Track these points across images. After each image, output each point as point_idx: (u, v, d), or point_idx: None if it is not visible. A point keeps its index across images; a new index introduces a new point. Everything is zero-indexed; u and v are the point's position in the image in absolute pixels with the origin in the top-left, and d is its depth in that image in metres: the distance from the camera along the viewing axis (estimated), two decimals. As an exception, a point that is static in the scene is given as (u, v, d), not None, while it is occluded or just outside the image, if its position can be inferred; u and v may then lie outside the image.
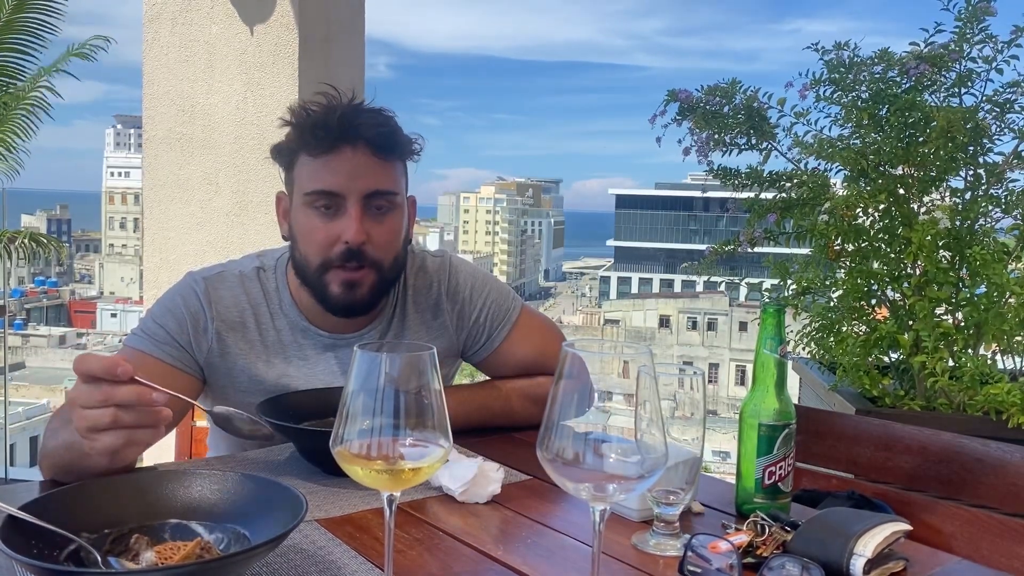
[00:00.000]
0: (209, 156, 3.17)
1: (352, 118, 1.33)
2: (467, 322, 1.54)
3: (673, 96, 2.70)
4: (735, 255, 2.84)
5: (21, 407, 28.24)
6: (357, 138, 1.33)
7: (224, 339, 1.41)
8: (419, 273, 1.54)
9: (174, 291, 1.44)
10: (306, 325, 1.46)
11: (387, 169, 1.37)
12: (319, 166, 1.35)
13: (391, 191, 1.37)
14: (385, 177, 1.36)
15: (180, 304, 1.40)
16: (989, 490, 1.36)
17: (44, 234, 12.49)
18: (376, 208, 1.36)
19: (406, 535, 1.04)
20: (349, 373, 0.80)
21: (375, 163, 1.35)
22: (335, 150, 1.33)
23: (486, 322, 1.55)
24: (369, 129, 1.34)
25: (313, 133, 1.34)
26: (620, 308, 53.48)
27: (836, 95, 2.59)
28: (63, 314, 57.91)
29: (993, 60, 2.46)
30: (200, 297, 1.41)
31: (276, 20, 3.07)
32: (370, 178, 1.34)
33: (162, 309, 1.41)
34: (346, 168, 1.33)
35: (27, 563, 0.79)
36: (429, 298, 1.53)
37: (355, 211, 1.34)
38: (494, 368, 1.58)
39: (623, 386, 0.79)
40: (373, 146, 1.34)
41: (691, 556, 0.94)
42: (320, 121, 1.33)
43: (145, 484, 0.98)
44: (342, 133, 1.33)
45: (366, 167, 1.34)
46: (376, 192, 1.35)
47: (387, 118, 1.37)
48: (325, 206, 1.35)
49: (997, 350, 2.52)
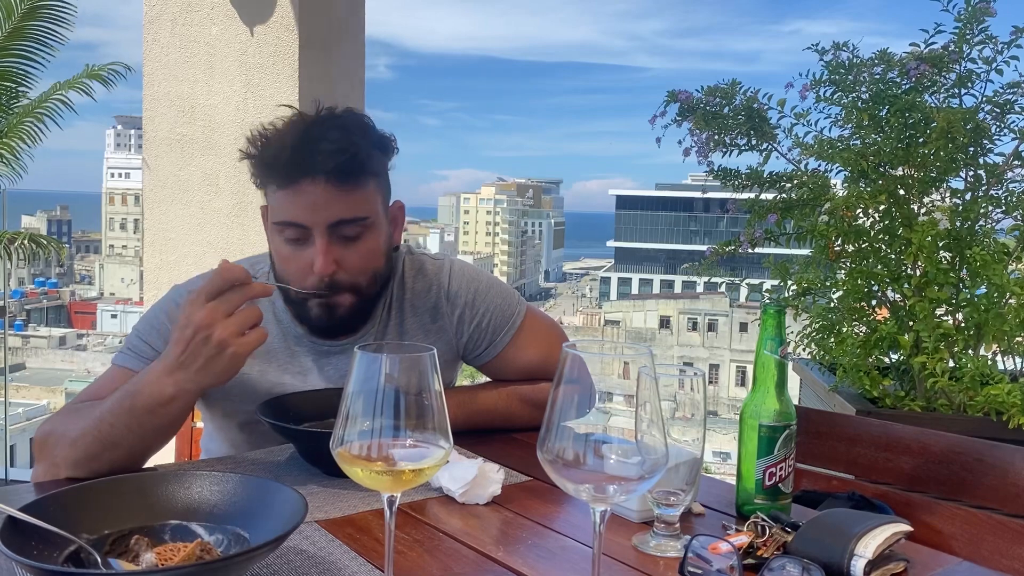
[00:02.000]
0: (209, 157, 3.17)
1: (306, 150, 1.27)
2: (468, 327, 1.50)
3: (673, 97, 2.71)
4: (736, 256, 2.84)
5: (21, 408, 28.23)
6: (315, 171, 1.27)
7: None
8: (417, 276, 1.51)
9: (158, 307, 1.42)
10: (299, 332, 1.44)
11: (352, 195, 1.31)
12: (282, 197, 1.31)
13: (359, 217, 1.32)
14: (350, 204, 1.31)
15: (164, 320, 1.38)
16: (990, 491, 1.35)
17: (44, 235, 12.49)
18: (344, 236, 1.32)
19: (406, 536, 1.04)
20: (349, 374, 0.80)
21: (337, 193, 1.29)
22: (294, 183, 1.29)
23: (488, 327, 1.51)
24: (326, 159, 1.27)
25: (269, 169, 1.30)
26: (620, 309, 53.48)
27: (836, 96, 2.59)
28: (63, 315, 57.93)
29: (993, 61, 2.46)
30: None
31: (276, 21, 3.07)
32: (333, 209, 1.29)
33: (146, 326, 1.40)
34: (307, 201, 1.28)
35: (27, 564, 0.78)
36: (427, 301, 1.50)
37: (321, 243, 1.30)
38: (497, 372, 1.55)
39: (623, 387, 0.79)
40: (333, 177, 1.28)
41: (691, 557, 0.94)
42: (273, 157, 1.29)
43: (145, 485, 0.98)
44: (297, 168, 1.27)
45: (327, 199, 1.28)
46: (341, 221, 1.31)
47: (347, 141, 1.29)
48: (293, 237, 1.32)
49: (997, 351, 2.52)
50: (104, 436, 1.16)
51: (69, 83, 7.67)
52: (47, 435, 1.23)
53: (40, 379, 34.07)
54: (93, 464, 1.16)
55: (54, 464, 1.20)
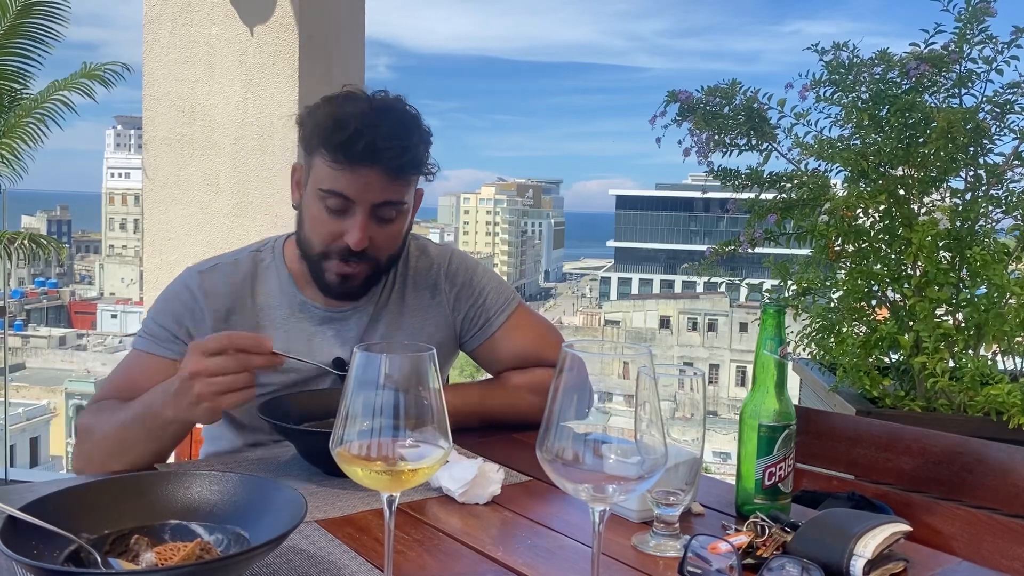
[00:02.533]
0: (209, 157, 3.17)
1: (372, 139, 1.34)
2: (464, 304, 1.58)
3: (673, 97, 2.70)
4: (735, 256, 2.84)
5: (21, 408, 28.24)
6: (376, 161, 1.36)
7: (221, 326, 1.45)
8: (421, 256, 1.60)
9: (170, 288, 1.50)
10: (303, 299, 1.51)
11: (399, 184, 1.40)
12: (335, 170, 1.37)
13: (400, 201, 1.42)
14: (395, 191, 1.40)
15: (175, 301, 1.47)
16: (990, 491, 1.36)
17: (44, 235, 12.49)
18: (382, 216, 1.41)
19: (406, 536, 1.04)
20: (349, 374, 0.80)
21: (388, 181, 1.38)
22: (353, 165, 1.36)
23: (484, 306, 1.58)
24: (388, 156, 1.36)
25: (336, 149, 1.36)
26: (620, 309, 53.48)
27: (836, 96, 2.59)
28: (63, 315, 57.91)
29: (993, 61, 2.46)
30: (194, 291, 1.47)
31: (276, 21, 3.07)
32: (380, 193, 1.38)
33: (160, 308, 1.48)
34: (361, 182, 1.37)
35: (27, 564, 0.79)
36: (428, 278, 1.58)
37: (361, 219, 1.38)
38: (490, 355, 1.60)
39: (623, 387, 0.79)
40: (390, 169, 1.37)
41: (691, 557, 0.94)
42: (345, 143, 1.35)
43: (145, 485, 0.99)
44: (361, 154, 1.35)
45: (379, 184, 1.37)
46: (385, 203, 1.40)
47: (408, 140, 1.38)
48: (335, 207, 1.39)
49: (997, 351, 2.52)
50: (122, 441, 1.30)
51: (67, 82, 7.67)
52: (86, 428, 1.36)
53: (40, 379, 34.05)
54: (112, 462, 1.29)
55: (88, 455, 1.35)
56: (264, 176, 3.12)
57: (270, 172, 3.11)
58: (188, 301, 1.46)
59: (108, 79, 7.62)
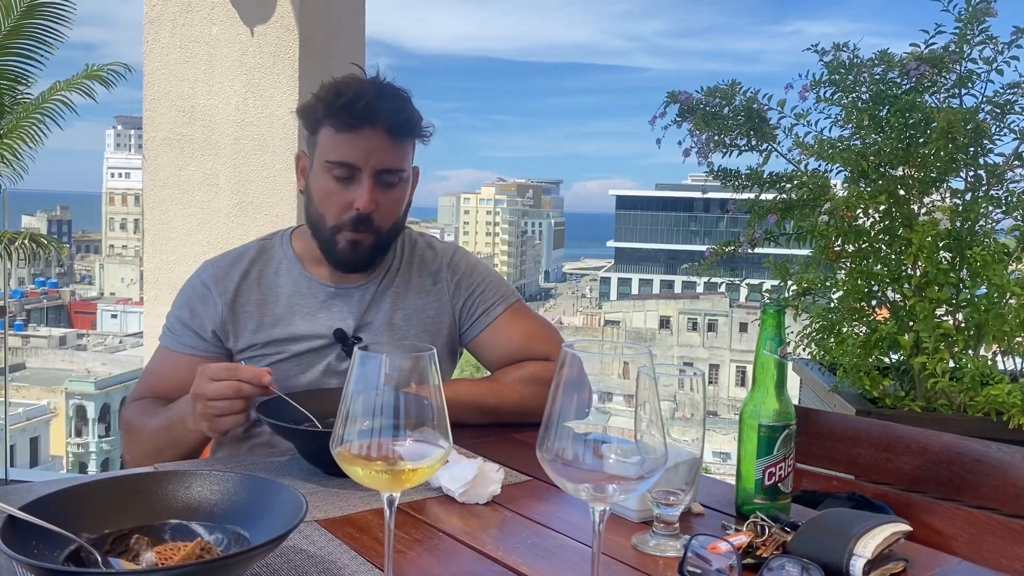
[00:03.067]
0: (209, 157, 3.17)
1: (375, 104, 1.47)
2: (463, 294, 1.65)
3: (673, 98, 2.70)
4: (735, 256, 2.84)
5: (21, 408, 28.25)
6: (376, 122, 1.47)
7: (234, 310, 1.56)
8: (427, 249, 1.69)
9: (187, 284, 1.62)
10: (309, 277, 1.59)
11: (398, 148, 1.51)
12: (341, 140, 1.48)
13: (400, 168, 1.52)
14: (396, 156, 1.51)
15: (189, 291, 1.59)
16: (989, 491, 1.35)
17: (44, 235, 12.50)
18: (385, 182, 1.50)
19: (406, 536, 1.05)
20: (349, 374, 0.80)
21: (389, 143, 1.49)
22: (356, 130, 1.47)
23: (482, 296, 1.65)
24: (388, 115, 1.47)
25: (339, 113, 1.47)
26: (620, 309, 53.46)
27: (836, 96, 2.59)
28: (63, 315, 57.89)
29: (993, 61, 2.46)
30: (205, 280, 1.58)
31: (276, 21, 3.08)
32: (383, 156, 1.49)
33: (177, 301, 1.61)
34: (364, 146, 1.47)
35: (27, 563, 0.79)
36: (432, 267, 1.66)
37: (367, 183, 1.48)
38: (486, 348, 1.64)
39: (623, 387, 0.79)
40: (389, 129, 1.48)
41: (691, 557, 0.94)
42: (347, 105, 1.46)
43: (145, 485, 0.99)
44: (365, 117, 1.46)
45: (381, 147, 1.48)
46: (387, 169, 1.50)
47: (405, 103, 1.52)
48: (342, 176, 1.49)
49: (997, 351, 2.52)
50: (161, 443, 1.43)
51: (69, 83, 7.68)
52: (128, 425, 1.51)
53: (40, 379, 34.04)
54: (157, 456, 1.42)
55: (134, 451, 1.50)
56: (264, 176, 3.12)
57: (270, 172, 3.11)
58: (200, 290, 1.57)
59: (109, 80, 7.64)
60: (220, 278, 1.57)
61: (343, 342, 1.55)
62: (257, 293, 1.57)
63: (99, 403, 31.68)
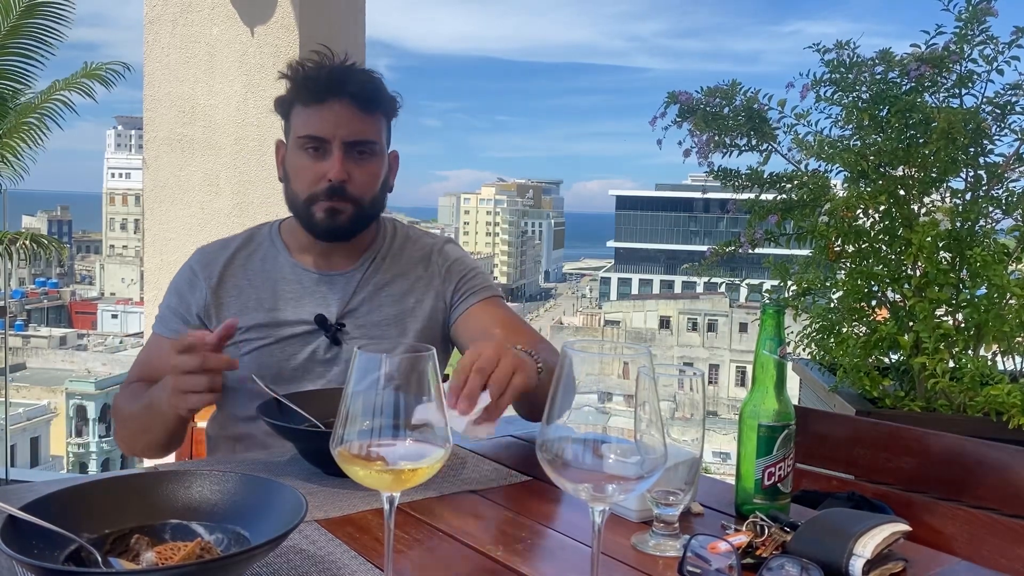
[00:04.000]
0: (210, 157, 3.17)
1: (340, 75, 1.51)
2: (455, 277, 1.67)
3: (673, 98, 2.70)
4: (735, 256, 2.84)
5: (22, 408, 28.27)
6: (343, 93, 1.50)
7: (218, 294, 1.58)
8: (419, 239, 1.72)
9: (179, 272, 1.65)
10: (294, 263, 1.62)
11: (368, 121, 1.54)
12: (310, 113, 1.52)
13: (371, 140, 1.54)
14: (366, 127, 1.53)
15: (179, 278, 1.63)
16: (989, 491, 1.36)
17: (45, 235, 12.50)
18: (358, 153, 1.53)
19: (406, 535, 1.05)
20: (349, 374, 0.80)
21: (358, 115, 1.52)
22: (323, 102, 1.50)
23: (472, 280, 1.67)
24: (354, 85, 1.51)
25: (305, 86, 1.52)
26: (620, 309, 53.46)
27: (836, 96, 2.59)
28: (64, 315, 57.89)
29: (994, 60, 2.46)
30: (193, 266, 1.63)
31: (276, 21, 3.08)
32: (352, 127, 1.51)
33: (168, 289, 1.65)
34: (332, 118, 1.50)
35: (28, 563, 0.79)
36: (423, 253, 1.69)
37: (338, 154, 1.51)
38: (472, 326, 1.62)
39: (623, 387, 0.79)
40: (357, 100, 1.51)
41: (690, 557, 0.94)
42: (312, 76, 1.52)
43: (145, 485, 0.99)
44: (330, 87, 1.50)
45: (349, 118, 1.51)
46: (357, 141, 1.52)
47: (371, 77, 1.55)
48: (314, 148, 1.52)
49: (997, 351, 2.52)
50: (141, 424, 1.45)
51: (68, 82, 7.67)
52: (117, 409, 1.53)
53: (40, 379, 34.05)
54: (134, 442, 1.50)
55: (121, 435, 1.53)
56: (264, 176, 3.12)
57: (270, 173, 3.10)
58: (188, 276, 1.62)
59: (109, 79, 7.63)
60: (207, 263, 1.61)
61: (325, 328, 1.55)
62: (242, 278, 1.60)
63: (99, 403, 31.68)
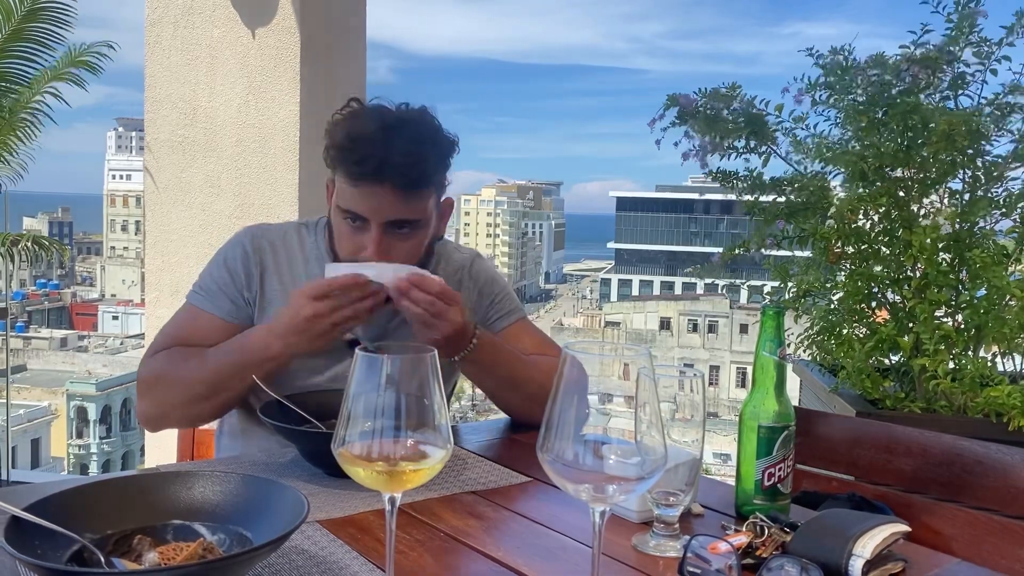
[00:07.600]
0: (211, 159, 3.18)
1: (378, 157, 1.38)
2: (486, 300, 1.66)
3: (673, 100, 2.70)
4: (740, 259, 2.85)
5: (23, 409, 28.26)
6: (383, 179, 1.39)
7: (264, 283, 1.54)
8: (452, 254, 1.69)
9: (225, 246, 1.60)
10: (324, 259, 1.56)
11: (412, 201, 1.44)
12: (351, 190, 1.43)
13: (413, 219, 1.46)
14: (408, 208, 1.44)
15: (229, 256, 1.56)
16: (989, 492, 1.36)
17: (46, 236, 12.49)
18: (398, 230, 1.45)
19: (407, 536, 1.05)
20: (350, 375, 0.81)
21: (399, 198, 1.42)
22: (364, 184, 1.41)
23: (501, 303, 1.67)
24: (395, 171, 1.39)
25: (347, 170, 1.42)
26: (621, 310, 53.42)
27: (832, 99, 2.59)
28: (64, 316, 57.88)
29: (987, 58, 2.46)
30: (246, 246, 1.56)
31: (278, 23, 3.08)
32: (392, 210, 1.43)
33: (214, 263, 1.58)
34: (372, 201, 1.42)
35: (30, 563, 0.79)
36: (453, 270, 1.65)
37: (376, 235, 1.43)
38: None
39: (623, 388, 0.80)
40: (398, 185, 1.40)
41: (691, 557, 0.95)
42: (355, 163, 1.41)
43: (148, 485, 0.99)
44: (367, 174, 1.40)
45: (390, 202, 1.41)
46: (398, 221, 1.44)
47: (417, 154, 1.41)
48: (352, 221, 1.45)
49: (997, 352, 2.52)
50: (214, 382, 1.41)
51: (55, 73, 7.58)
52: (158, 376, 1.45)
53: (41, 380, 34.05)
54: (198, 407, 1.44)
55: (161, 404, 1.46)
56: (265, 178, 3.12)
57: (272, 174, 3.12)
58: (241, 256, 1.55)
59: (96, 64, 7.48)
60: (257, 248, 1.56)
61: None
62: (281, 278, 1.55)
63: (100, 404, 31.69)
